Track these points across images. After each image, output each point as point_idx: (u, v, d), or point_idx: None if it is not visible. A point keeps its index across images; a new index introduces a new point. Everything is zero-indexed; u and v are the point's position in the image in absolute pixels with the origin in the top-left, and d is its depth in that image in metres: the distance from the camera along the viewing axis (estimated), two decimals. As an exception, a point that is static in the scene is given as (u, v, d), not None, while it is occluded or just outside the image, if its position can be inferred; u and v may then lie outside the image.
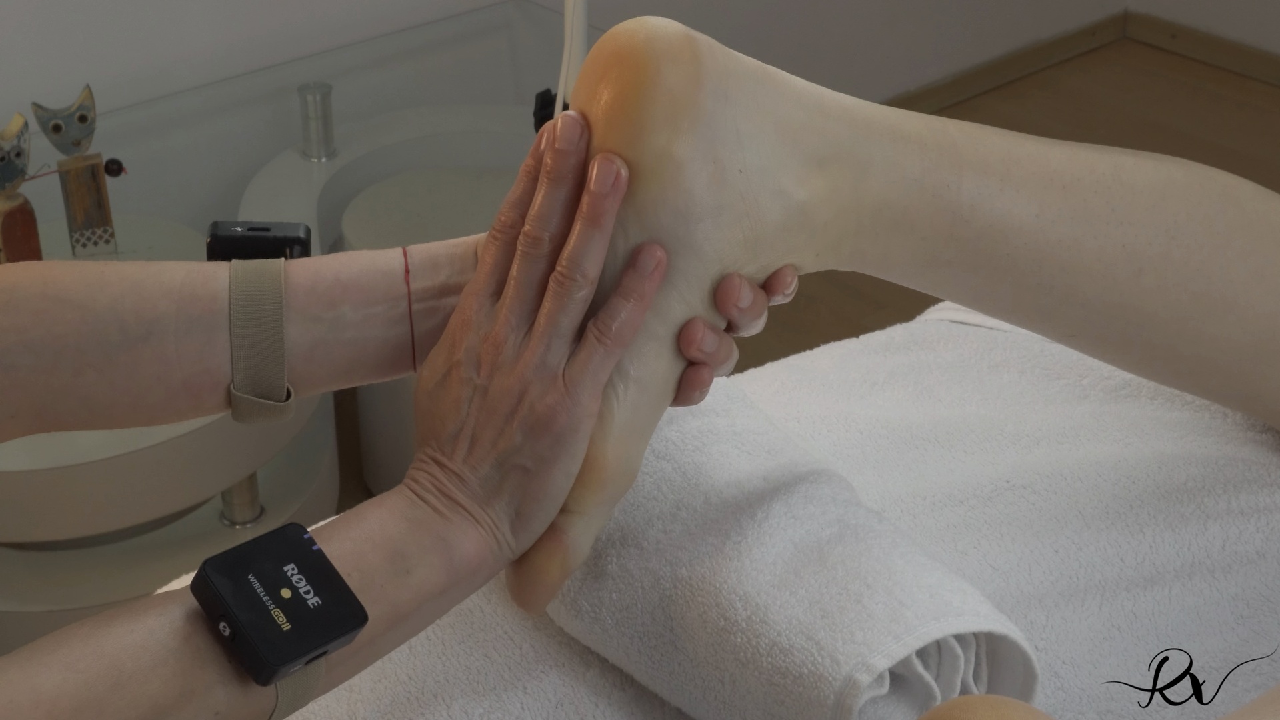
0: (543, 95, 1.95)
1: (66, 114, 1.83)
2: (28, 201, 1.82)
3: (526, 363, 0.79)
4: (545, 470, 0.79)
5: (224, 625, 0.69)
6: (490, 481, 0.79)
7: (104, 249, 1.91)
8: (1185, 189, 0.95)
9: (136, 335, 0.79)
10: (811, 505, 0.88)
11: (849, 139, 0.84)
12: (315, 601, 0.71)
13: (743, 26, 2.96)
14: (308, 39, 2.36)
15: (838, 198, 0.84)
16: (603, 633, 0.89)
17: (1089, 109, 3.42)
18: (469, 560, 0.78)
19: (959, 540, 1.00)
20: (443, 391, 0.80)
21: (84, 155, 1.86)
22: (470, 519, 0.79)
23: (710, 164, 0.80)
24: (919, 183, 0.86)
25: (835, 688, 0.78)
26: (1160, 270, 0.93)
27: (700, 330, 0.81)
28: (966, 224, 0.88)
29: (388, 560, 0.75)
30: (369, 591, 0.74)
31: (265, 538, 0.73)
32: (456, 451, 0.79)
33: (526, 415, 0.78)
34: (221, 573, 0.70)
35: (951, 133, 0.89)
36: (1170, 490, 1.04)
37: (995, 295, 0.93)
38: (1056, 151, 0.92)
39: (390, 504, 0.78)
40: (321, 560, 0.73)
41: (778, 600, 0.83)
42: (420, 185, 2.18)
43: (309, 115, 2.17)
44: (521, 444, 0.79)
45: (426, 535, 0.77)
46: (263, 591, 0.70)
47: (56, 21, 2.12)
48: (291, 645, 0.69)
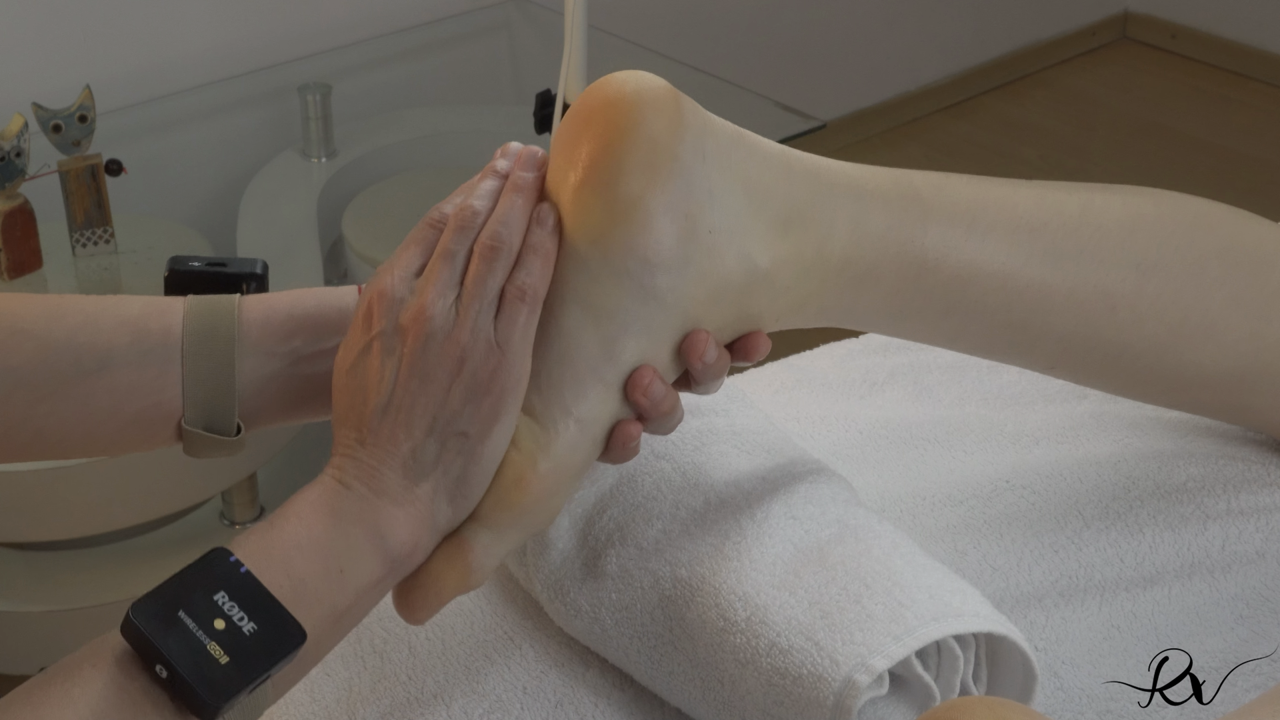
0: (543, 95, 1.95)
1: (66, 114, 1.83)
2: (28, 201, 1.82)
3: (463, 328, 0.78)
4: (486, 432, 0.77)
5: (160, 668, 0.68)
6: (426, 453, 0.77)
7: (104, 249, 1.91)
8: (1155, 222, 0.95)
9: (91, 368, 0.79)
10: (811, 505, 0.88)
11: (814, 199, 0.85)
12: (251, 628, 0.69)
13: (743, 26, 2.96)
14: (308, 39, 2.36)
15: (801, 260, 0.85)
16: (602, 633, 0.89)
17: (1089, 109, 3.42)
18: (404, 545, 0.76)
19: (959, 540, 1.00)
20: (362, 367, 0.78)
21: (84, 155, 1.86)
22: (400, 501, 0.76)
23: (682, 218, 0.80)
24: (883, 238, 0.87)
25: (834, 688, 0.78)
26: (1134, 305, 0.93)
27: (649, 376, 0.80)
28: (933, 273, 0.89)
29: (319, 564, 0.73)
30: (304, 601, 0.72)
31: (191, 568, 0.71)
32: (385, 425, 0.77)
33: (469, 381, 0.77)
34: (150, 615, 0.68)
35: (916, 183, 0.89)
36: (1170, 490, 1.04)
37: (967, 337, 0.93)
38: (1024, 194, 0.92)
39: (315, 499, 0.76)
40: (251, 582, 0.71)
41: (777, 601, 0.83)
42: (420, 185, 2.18)
43: (309, 115, 2.17)
44: (462, 409, 0.77)
45: (356, 527, 0.75)
46: (195, 626, 0.68)
47: (56, 21, 2.12)
48: (232, 679, 0.68)
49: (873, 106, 3.27)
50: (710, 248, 0.81)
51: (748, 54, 2.97)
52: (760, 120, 2.32)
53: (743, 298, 0.83)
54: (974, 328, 0.92)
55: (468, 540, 0.78)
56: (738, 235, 0.82)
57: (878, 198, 0.87)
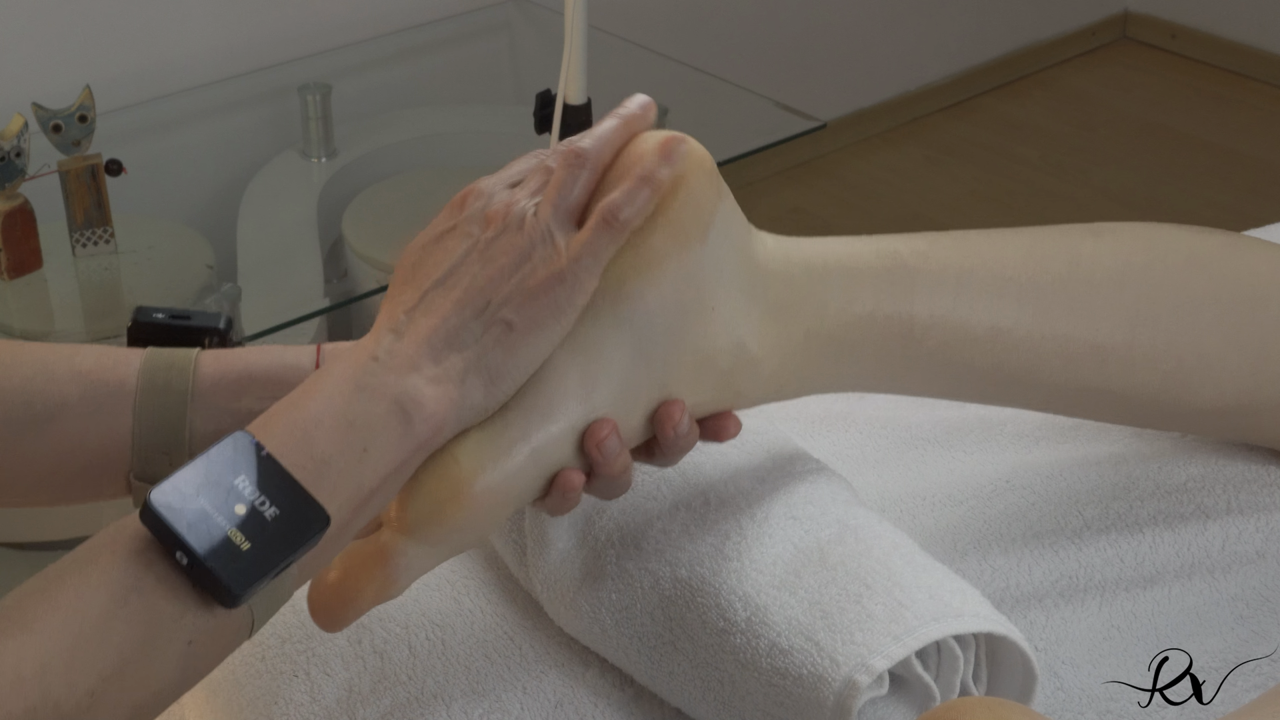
0: (543, 95, 1.95)
1: (66, 114, 1.83)
2: (28, 201, 1.82)
3: (535, 224, 0.78)
4: (529, 331, 0.76)
5: (180, 554, 0.65)
6: (468, 331, 0.76)
7: (104, 249, 1.91)
8: (1145, 270, 0.94)
9: (43, 417, 0.78)
10: (811, 506, 0.88)
11: (809, 287, 0.86)
12: (273, 512, 0.67)
13: (743, 26, 2.96)
14: (308, 39, 2.36)
15: (788, 344, 0.85)
16: (602, 633, 0.89)
17: (1089, 109, 3.42)
18: (428, 424, 0.74)
19: (959, 540, 1.00)
20: (438, 245, 0.78)
21: (84, 155, 1.86)
22: (431, 377, 0.74)
23: (693, 289, 0.81)
24: (871, 316, 0.87)
25: (835, 689, 0.78)
26: (1126, 356, 0.93)
27: (607, 428, 0.79)
28: (919, 344, 0.89)
29: (342, 444, 0.71)
30: (327, 483, 0.70)
31: (211, 452, 0.69)
32: (437, 296, 0.76)
33: (528, 275, 0.77)
34: (169, 500, 0.66)
35: (902, 254, 0.89)
36: (1170, 490, 1.04)
37: (957, 392, 0.94)
38: (1010, 252, 0.92)
39: (340, 374, 0.74)
40: (273, 466, 0.69)
41: (777, 601, 0.83)
42: (420, 185, 2.18)
43: (309, 115, 2.17)
44: (512, 297, 0.76)
45: (381, 404, 0.73)
46: (215, 512, 0.66)
47: (56, 21, 2.12)
48: (254, 566, 0.66)
49: (873, 106, 3.27)
50: (707, 324, 0.82)
51: (748, 54, 2.97)
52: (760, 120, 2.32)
53: (726, 378, 0.84)
54: (963, 386, 0.93)
55: (390, 550, 0.77)
56: (735, 318, 0.83)
57: (866, 274, 0.88)
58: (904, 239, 0.91)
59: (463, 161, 2.28)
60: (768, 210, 3.00)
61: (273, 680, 0.91)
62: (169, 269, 1.93)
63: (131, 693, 0.66)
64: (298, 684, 0.90)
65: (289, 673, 0.91)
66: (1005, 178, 3.15)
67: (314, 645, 0.92)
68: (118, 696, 0.65)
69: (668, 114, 2.06)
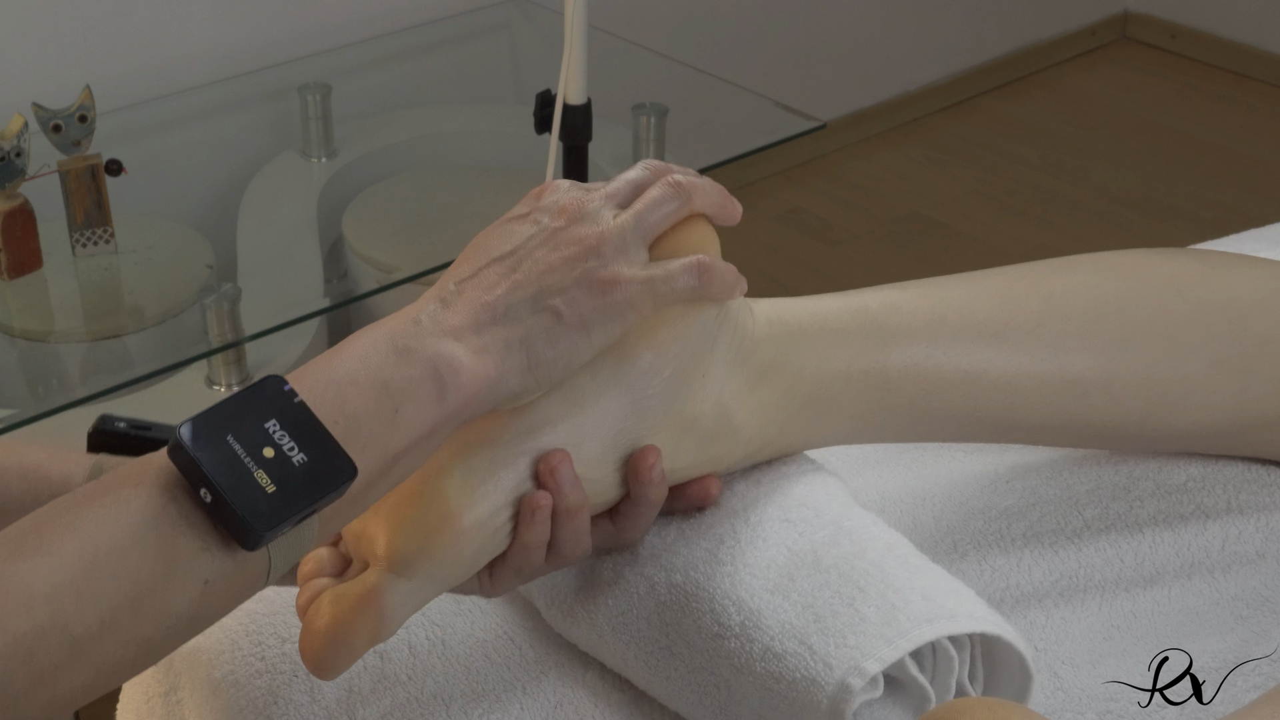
0: (543, 95, 1.95)
1: (66, 114, 1.83)
2: (28, 201, 1.82)
3: (612, 229, 0.78)
4: (575, 328, 0.76)
5: (204, 492, 0.65)
6: (517, 309, 0.75)
7: (104, 249, 1.91)
8: (1120, 302, 0.94)
9: None
10: (805, 508, 0.88)
11: (790, 349, 0.86)
12: (300, 459, 0.66)
13: (743, 26, 2.96)
14: (308, 39, 2.36)
15: (766, 409, 0.86)
16: (599, 639, 0.88)
17: (1089, 109, 3.42)
18: (460, 394, 0.72)
19: (958, 540, 1.00)
20: (505, 227, 0.78)
21: (84, 155, 1.86)
22: (471, 347, 0.74)
23: (690, 355, 0.82)
24: (845, 373, 0.88)
25: (828, 692, 0.78)
26: (1107, 388, 0.94)
27: (560, 457, 0.79)
28: (896, 394, 0.90)
29: (374, 401, 0.70)
30: (356, 440, 0.69)
31: (243, 393, 0.68)
32: (493, 270, 0.76)
33: (591, 271, 0.76)
34: (198, 436, 0.65)
35: (873, 308, 0.90)
36: (1170, 490, 1.04)
37: (937, 435, 0.94)
38: (982, 296, 0.92)
39: (379, 335, 0.73)
40: (304, 413, 0.68)
41: (771, 605, 0.82)
42: (420, 185, 2.18)
43: (309, 115, 2.17)
44: (569, 288, 0.76)
45: (417, 368, 0.72)
46: (243, 452, 0.66)
47: (56, 21, 2.12)
48: (277, 508, 0.65)
49: (873, 106, 3.27)
50: (695, 390, 0.83)
51: (748, 54, 2.97)
52: (760, 120, 2.32)
53: (707, 442, 0.84)
54: (944, 429, 0.93)
55: (379, 589, 0.76)
56: (722, 384, 0.84)
57: (838, 335, 0.88)
58: (875, 292, 0.92)
59: (463, 161, 2.28)
60: (768, 210, 3.00)
61: (273, 680, 0.91)
62: (169, 269, 1.93)
63: (143, 626, 0.65)
64: (298, 684, 0.90)
65: (289, 673, 0.91)
66: (1005, 178, 3.15)
67: (313, 645, 0.92)
68: (130, 628, 0.65)
69: (668, 114, 2.06)
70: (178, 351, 1.81)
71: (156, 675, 0.98)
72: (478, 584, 0.82)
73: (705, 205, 0.82)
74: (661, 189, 0.80)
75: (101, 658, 0.64)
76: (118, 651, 0.65)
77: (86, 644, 0.63)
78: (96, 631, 0.64)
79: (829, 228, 2.97)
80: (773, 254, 2.86)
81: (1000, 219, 3.01)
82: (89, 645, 0.64)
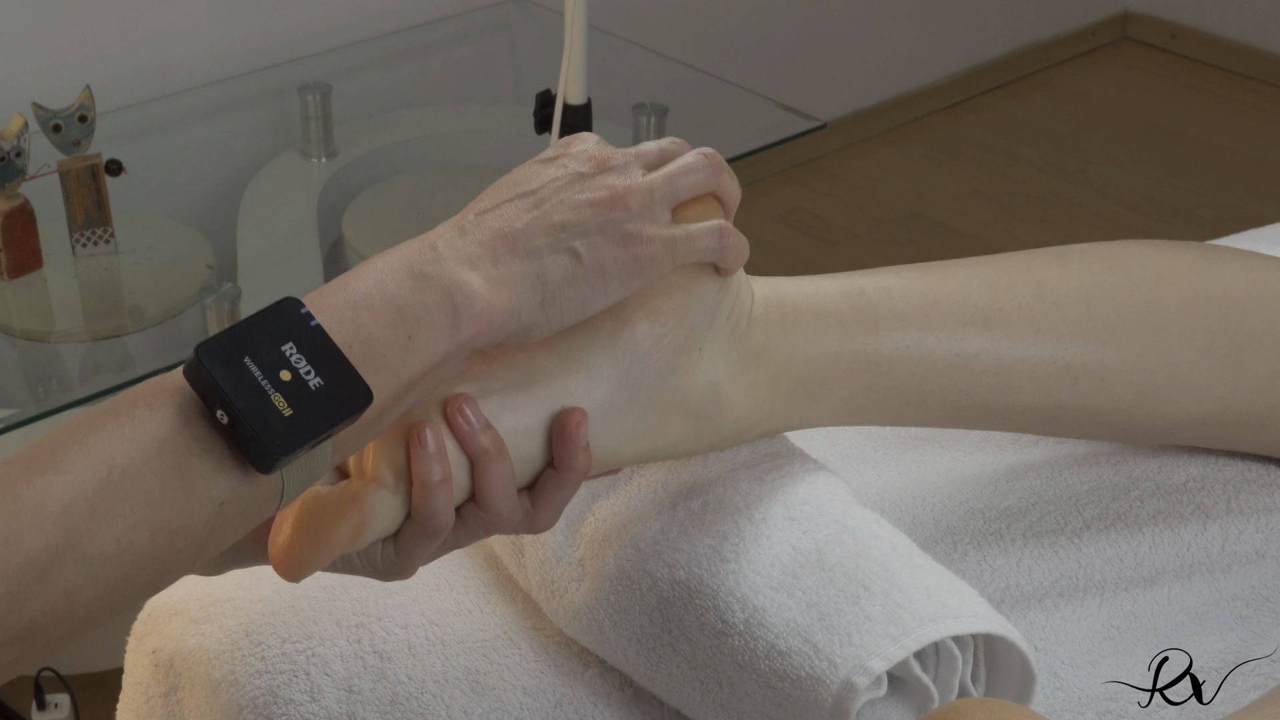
0: (543, 95, 1.95)
1: (66, 114, 1.83)
2: (28, 201, 1.82)
3: (641, 185, 0.77)
4: (592, 274, 0.75)
5: (221, 413, 0.64)
6: (536, 242, 0.74)
7: (104, 249, 1.91)
8: (1112, 290, 0.95)
9: None
10: (809, 507, 0.88)
11: (780, 329, 0.86)
12: (317, 382, 0.66)
13: (743, 26, 2.96)
14: (308, 39, 2.36)
15: (757, 387, 0.86)
16: (600, 634, 0.88)
17: (1089, 109, 3.42)
18: (474, 323, 0.72)
19: (958, 540, 1.00)
20: (533, 167, 0.78)
21: (84, 155, 1.86)
22: (488, 277, 0.73)
23: (686, 328, 0.82)
24: (836, 355, 0.88)
25: (833, 691, 0.78)
26: (1097, 374, 0.94)
27: (469, 406, 0.76)
28: (886, 376, 0.90)
29: (389, 326, 0.70)
30: (371, 365, 0.69)
31: (260, 315, 0.68)
32: (516, 203, 0.75)
33: (617, 219, 0.76)
34: (215, 357, 0.65)
35: (867, 291, 0.90)
36: (1170, 490, 1.04)
37: (928, 420, 0.94)
38: (976, 281, 0.93)
39: (396, 260, 0.72)
40: (321, 336, 0.68)
41: (775, 603, 0.82)
42: (420, 185, 2.18)
43: (309, 115, 2.17)
44: (591, 233, 0.75)
45: (432, 294, 0.71)
46: (260, 375, 0.65)
47: (56, 21, 2.12)
48: (294, 431, 0.65)
49: (873, 106, 3.27)
50: (690, 364, 0.82)
51: (748, 54, 2.97)
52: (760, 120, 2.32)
53: (694, 421, 0.84)
54: (934, 413, 0.93)
55: (365, 495, 0.75)
56: (715, 361, 0.83)
57: (831, 315, 0.88)
58: (871, 275, 0.92)
59: (463, 161, 2.28)
60: (768, 210, 3.00)
61: (273, 680, 0.91)
62: (169, 269, 1.93)
63: (159, 547, 0.65)
64: (298, 684, 0.90)
65: (289, 673, 0.91)
66: (1005, 178, 3.15)
67: (314, 645, 0.92)
68: (146, 549, 0.64)
69: (668, 114, 2.06)
70: (178, 351, 1.81)
71: (156, 675, 0.98)
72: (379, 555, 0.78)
73: (731, 189, 0.83)
74: (695, 157, 0.81)
75: (117, 576, 0.64)
76: (133, 571, 0.64)
77: (102, 563, 0.63)
78: (113, 554, 0.63)
79: (829, 228, 2.97)
80: (773, 254, 2.86)
81: (1000, 219, 3.01)
82: (105, 564, 0.63)
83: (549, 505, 0.79)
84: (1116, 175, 3.15)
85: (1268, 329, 0.97)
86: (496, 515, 0.77)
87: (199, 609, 0.96)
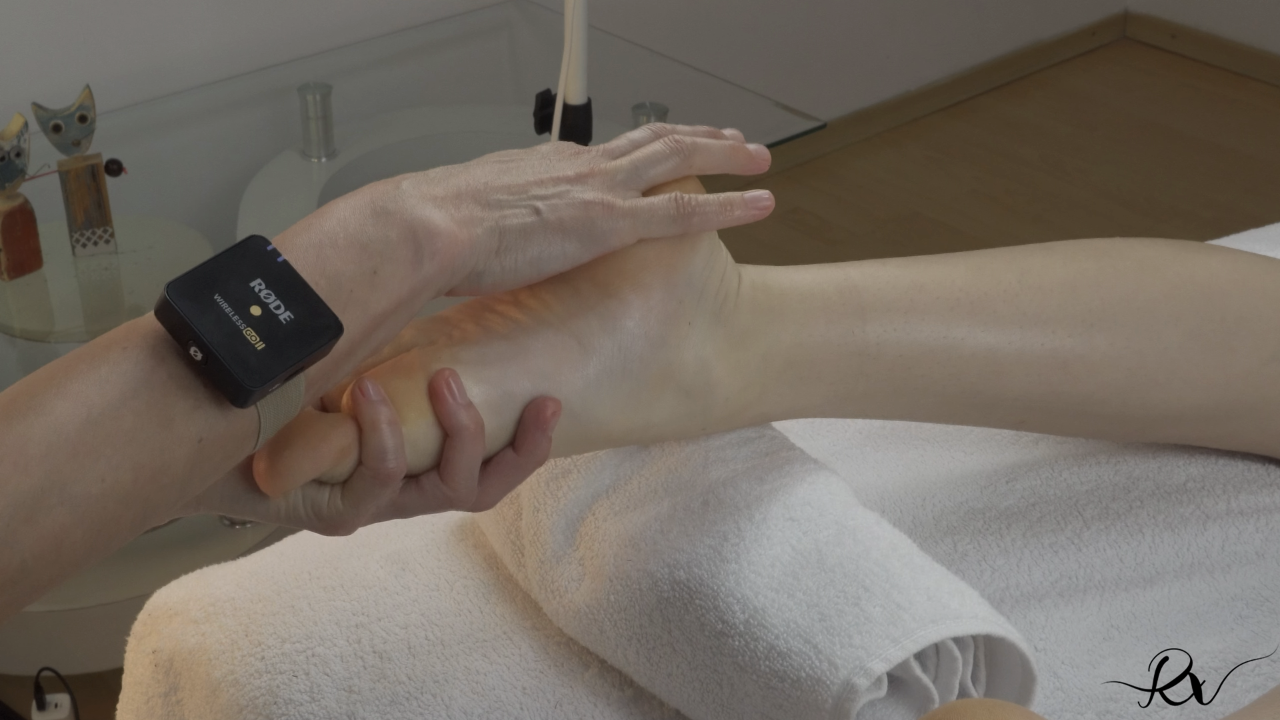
0: (543, 95, 1.95)
1: (66, 114, 1.83)
2: (28, 201, 1.82)
3: (609, 166, 0.80)
4: (555, 228, 0.78)
5: (195, 350, 0.66)
6: (499, 199, 0.77)
7: (104, 249, 1.91)
8: (1097, 276, 0.96)
9: None
10: (809, 507, 0.88)
11: (768, 313, 0.87)
12: (287, 316, 0.67)
13: (743, 26, 2.96)
14: (308, 39, 2.36)
15: (746, 369, 0.87)
16: (600, 634, 0.89)
17: (1089, 109, 3.42)
18: (436, 258, 0.74)
19: (958, 540, 1.00)
20: (506, 150, 0.81)
21: (84, 155, 1.86)
22: (451, 216, 0.75)
23: (676, 302, 0.83)
24: (824, 339, 0.89)
25: (833, 692, 0.78)
26: (1086, 358, 0.94)
27: (455, 382, 0.77)
28: (875, 361, 0.90)
29: (353, 262, 0.71)
30: (338, 299, 0.70)
31: (227, 254, 0.69)
32: (486, 161, 0.79)
33: (578, 191, 0.79)
34: (186, 295, 0.66)
35: (854, 277, 0.91)
36: (1170, 490, 1.04)
37: (920, 410, 0.95)
38: (960, 270, 0.94)
39: (360, 200, 0.74)
40: (288, 271, 0.69)
41: (775, 603, 0.82)
42: (420, 185, 2.18)
43: (309, 115, 2.17)
44: (552, 196, 0.78)
45: (395, 230, 0.73)
46: (231, 311, 0.66)
47: (56, 21, 2.12)
48: (267, 364, 0.66)
49: (873, 106, 3.27)
50: (681, 337, 0.83)
51: (748, 54, 2.97)
52: (760, 120, 2.32)
53: (684, 398, 0.85)
54: (925, 401, 0.93)
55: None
56: (704, 338, 0.84)
57: (818, 298, 0.89)
58: (860, 265, 0.93)
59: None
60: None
61: (273, 680, 0.91)
62: (169, 269, 1.93)
63: (142, 486, 0.66)
64: (298, 684, 0.90)
65: (289, 673, 0.91)
66: (1005, 178, 3.15)
67: (314, 645, 0.92)
68: (130, 488, 0.65)
69: (668, 114, 2.06)
70: (178, 351, 1.81)
71: (156, 675, 0.98)
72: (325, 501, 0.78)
73: (710, 165, 0.84)
74: (662, 144, 0.83)
75: (103, 516, 0.65)
76: (119, 511, 0.65)
77: (87, 503, 0.64)
78: (98, 494, 0.64)
79: (829, 228, 2.97)
80: (773, 254, 2.86)
81: (1000, 219, 3.01)
82: (90, 504, 0.64)
83: (498, 486, 0.80)
84: (1116, 175, 3.15)
85: (1255, 314, 0.97)
86: (454, 491, 0.78)
87: (199, 609, 0.96)
